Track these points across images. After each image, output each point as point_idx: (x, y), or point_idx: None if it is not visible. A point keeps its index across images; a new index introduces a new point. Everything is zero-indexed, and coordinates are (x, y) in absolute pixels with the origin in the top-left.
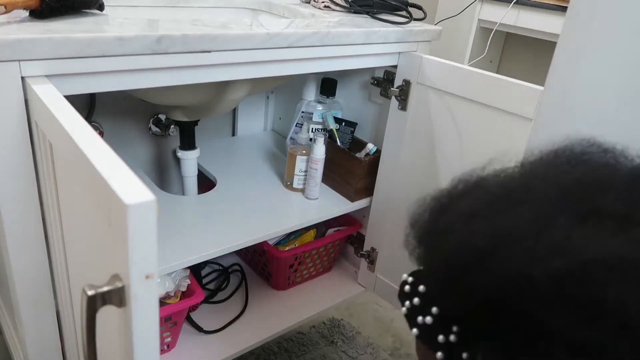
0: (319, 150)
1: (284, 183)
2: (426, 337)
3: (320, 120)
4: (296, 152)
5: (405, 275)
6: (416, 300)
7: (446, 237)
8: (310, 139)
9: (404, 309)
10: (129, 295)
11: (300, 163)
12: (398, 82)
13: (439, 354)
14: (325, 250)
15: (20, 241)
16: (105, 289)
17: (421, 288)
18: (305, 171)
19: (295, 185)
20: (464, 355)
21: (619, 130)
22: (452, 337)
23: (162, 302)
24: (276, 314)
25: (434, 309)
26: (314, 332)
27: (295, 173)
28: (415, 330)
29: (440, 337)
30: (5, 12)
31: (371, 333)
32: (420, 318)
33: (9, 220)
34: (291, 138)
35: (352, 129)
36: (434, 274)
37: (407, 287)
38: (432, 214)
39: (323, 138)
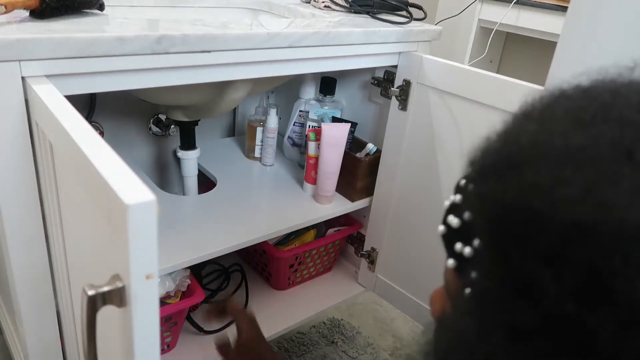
0: (272, 120)
1: (245, 154)
2: (447, 239)
3: (316, 118)
4: (255, 125)
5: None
6: (458, 197)
7: (521, 133)
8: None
9: (446, 201)
10: (129, 295)
11: (259, 134)
12: (398, 82)
13: (450, 261)
14: (325, 250)
15: (21, 241)
16: (105, 289)
17: (470, 186)
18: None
19: (256, 154)
20: (473, 275)
21: None
22: (467, 250)
23: (163, 302)
24: (276, 314)
25: (467, 213)
26: (314, 332)
27: (256, 143)
28: (442, 227)
29: (458, 245)
30: (6, 12)
31: (371, 333)
32: (451, 217)
33: (9, 220)
34: (289, 137)
35: (352, 129)
36: (473, 171)
37: (462, 181)
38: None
39: (275, 109)
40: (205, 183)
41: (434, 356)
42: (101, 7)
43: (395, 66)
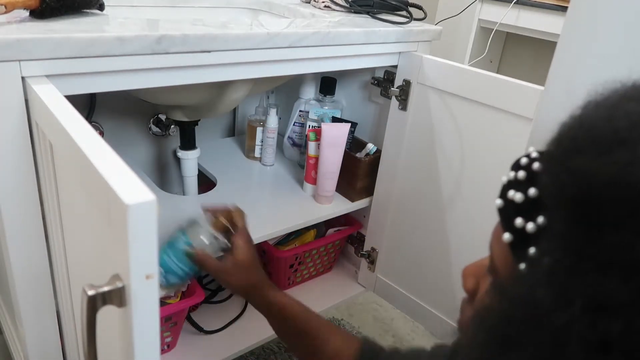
0: (272, 120)
1: (245, 154)
2: (506, 213)
3: (316, 118)
4: (255, 125)
5: (532, 148)
6: (521, 173)
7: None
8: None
9: (504, 177)
10: (129, 295)
11: (259, 134)
12: (398, 82)
13: (507, 235)
14: (325, 250)
15: (21, 241)
16: (105, 289)
17: (535, 165)
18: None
19: (256, 154)
20: (531, 251)
21: None
22: (529, 226)
23: (163, 302)
24: None
25: (532, 190)
26: None
27: (256, 143)
28: (500, 201)
29: (519, 221)
30: (6, 12)
31: (371, 333)
32: (512, 192)
33: (9, 220)
34: (289, 137)
35: (352, 129)
36: (559, 148)
37: (523, 159)
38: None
39: (275, 109)
40: (205, 183)
41: (479, 330)
42: (101, 7)
43: (395, 66)
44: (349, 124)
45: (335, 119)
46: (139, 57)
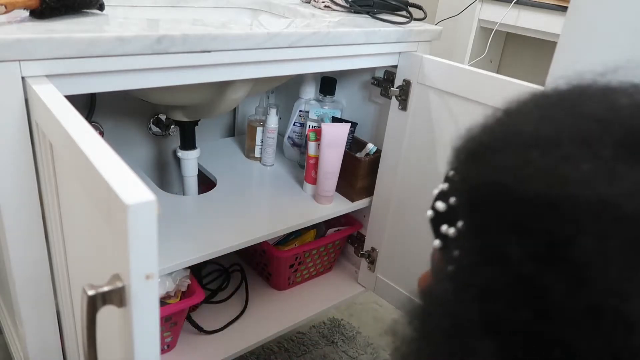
0: (272, 120)
1: (245, 154)
2: (434, 223)
3: (316, 118)
4: (255, 125)
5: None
6: (445, 185)
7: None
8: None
9: (435, 190)
10: (129, 295)
11: (259, 134)
12: (398, 82)
13: (436, 242)
14: (325, 250)
15: (21, 241)
16: (105, 288)
17: (454, 174)
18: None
19: (256, 154)
20: (455, 253)
21: None
22: (451, 231)
23: (163, 302)
24: (276, 314)
25: (452, 199)
26: (314, 332)
27: (256, 143)
28: (430, 212)
29: (444, 227)
30: (6, 12)
31: (371, 333)
32: (438, 203)
33: (9, 220)
34: (289, 137)
35: (352, 129)
36: (462, 156)
37: (450, 172)
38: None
39: (275, 109)
40: (205, 183)
41: (412, 324)
42: (101, 7)
43: (395, 66)
44: (349, 124)
45: (335, 119)
46: (139, 57)
